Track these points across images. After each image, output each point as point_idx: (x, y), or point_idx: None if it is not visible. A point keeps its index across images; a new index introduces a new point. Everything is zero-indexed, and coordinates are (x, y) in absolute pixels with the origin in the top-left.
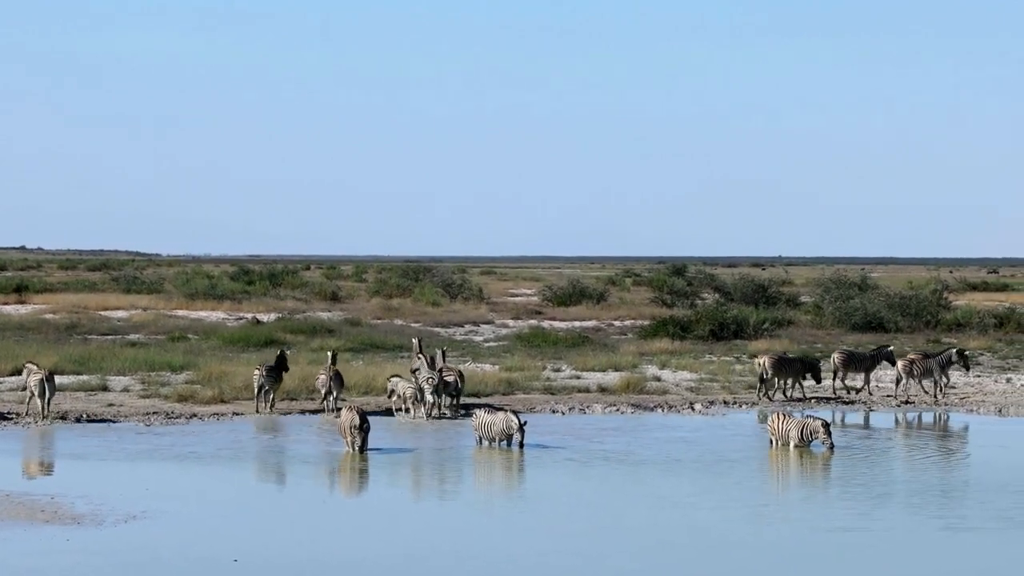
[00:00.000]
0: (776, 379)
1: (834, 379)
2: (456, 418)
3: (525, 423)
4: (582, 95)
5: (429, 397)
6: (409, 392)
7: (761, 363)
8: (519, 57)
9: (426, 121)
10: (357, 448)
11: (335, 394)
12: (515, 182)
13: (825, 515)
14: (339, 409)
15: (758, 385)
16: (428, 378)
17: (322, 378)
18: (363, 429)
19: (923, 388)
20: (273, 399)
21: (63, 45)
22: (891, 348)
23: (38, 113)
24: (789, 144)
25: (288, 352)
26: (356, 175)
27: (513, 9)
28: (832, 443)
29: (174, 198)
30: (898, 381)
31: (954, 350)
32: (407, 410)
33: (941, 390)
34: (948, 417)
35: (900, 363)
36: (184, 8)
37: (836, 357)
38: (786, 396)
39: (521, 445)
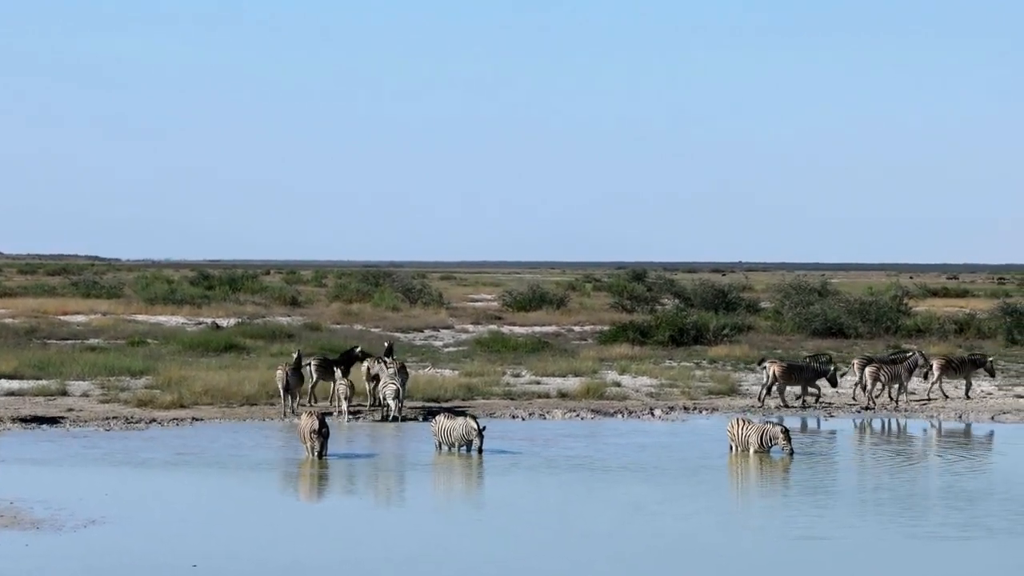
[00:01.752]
0: (786, 386)
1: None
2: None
3: (484, 428)
4: (543, 102)
5: (391, 403)
6: (343, 389)
7: (768, 369)
8: (482, 63)
9: (387, 127)
10: (316, 453)
11: (400, 392)
12: (475, 188)
13: (792, 522)
14: (336, 413)
15: (761, 391)
16: (388, 383)
17: (342, 387)
18: (322, 434)
19: (889, 394)
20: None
21: (22, 46)
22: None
23: None
24: (749, 151)
25: (358, 350)
26: (316, 180)
27: (479, 15)
28: (792, 448)
29: (134, 203)
30: (864, 386)
31: (917, 354)
32: (340, 412)
33: (904, 396)
34: (908, 423)
35: (868, 369)
36: (151, 11)
37: (857, 363)
38: (785, 404)
39: (480, 451)
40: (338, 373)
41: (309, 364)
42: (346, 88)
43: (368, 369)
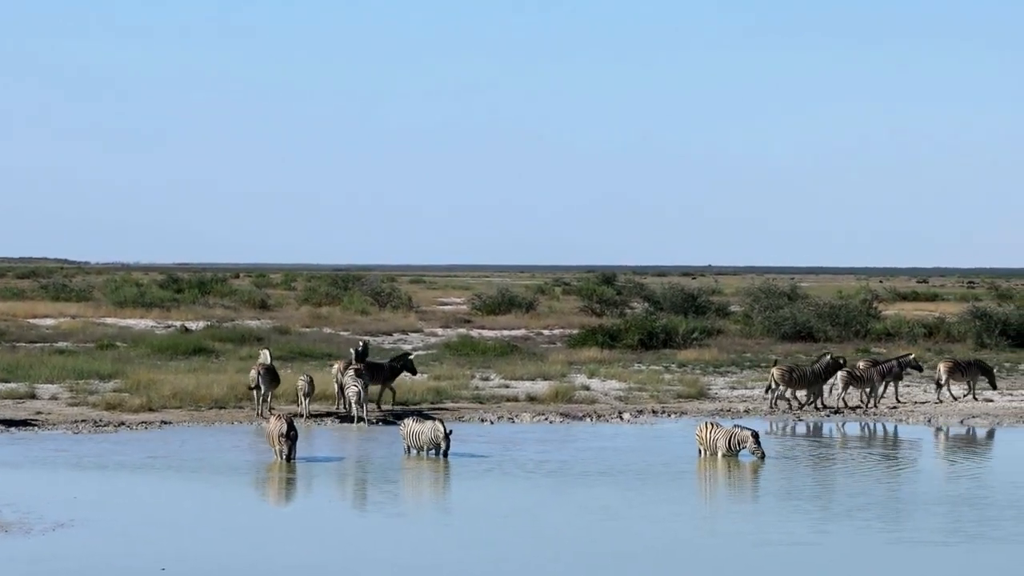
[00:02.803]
0: (786, 390)
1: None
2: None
3: (451, 432)
4: (515, 107)
5: (354, 405)
6: (302, 385)
7: (771, 374)
8: (454, 68)
9: (356, 131)
10: (284, 456)
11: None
12: (445, 192)
13: (768, 528)
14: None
15: (768, 396)
16: (350, 385)
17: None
18: (290, 437)
19: (862, 397)
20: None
21: None
22: (912, 356)
23: None
24: (719, 155)
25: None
26: (286, 184)
27: (452, 21)
28: (763, 452)
29: (103, 206)
30: (844, 388)
31: (898, 359)
32: (303, 415)
33: (876, 400)
34: (878, 426)
35: (840, 372)
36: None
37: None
38: (790, 406)
39: (446, 454)
40: (294, 374)
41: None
42: (315, 93)
43: (338, 372)
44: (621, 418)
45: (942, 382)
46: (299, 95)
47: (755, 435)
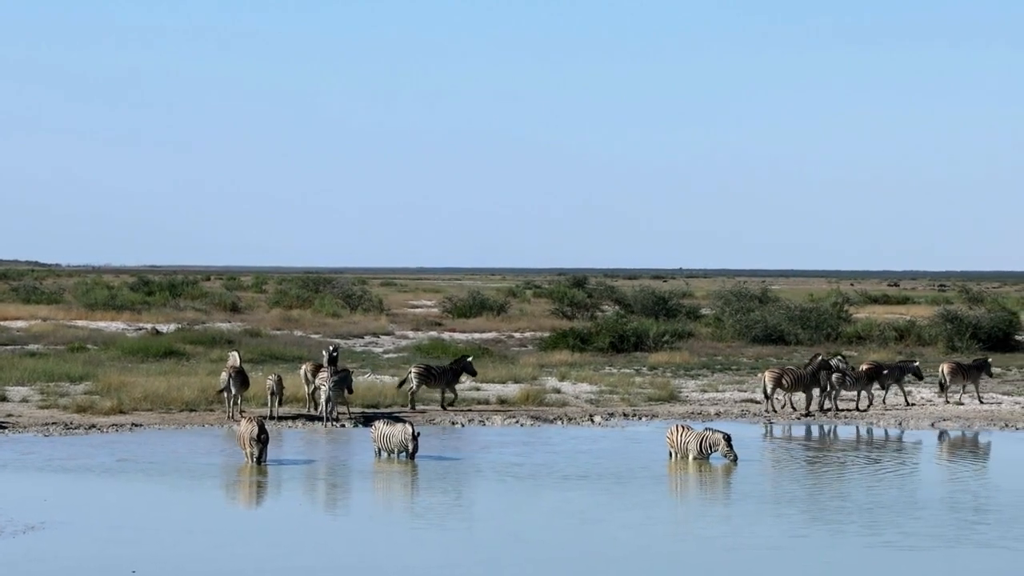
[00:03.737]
0: (773, 392)
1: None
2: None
3: (419, 434)
4: (482, 107)
5: (323, 405)
6: (270, 385)
7: (763, 378)
8: (415, 69)
9: (326, 133)
10: (256, 459)
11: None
12: (416, 194)
13: (743, 532)
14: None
15: (763, 400)
16: (319, 386)
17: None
18: (261, 440)
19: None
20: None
21: None
22: (916, 363)
23: None
24: (690, 157)
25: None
26: (256, 186)
27: (409, 25)
28: (736, 455)
29: (74, 208)
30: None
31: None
32: (272, 416)
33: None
34: (849, 430)
35: (834, 376)
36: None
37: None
38: (774, 409)
39: (413, 456)
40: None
41: (410, 372)
42: (285, 95)
43: (307, 374)
44: (592, 421)
45: (946, 384)
46: (270, 99)
47: (727, 438)
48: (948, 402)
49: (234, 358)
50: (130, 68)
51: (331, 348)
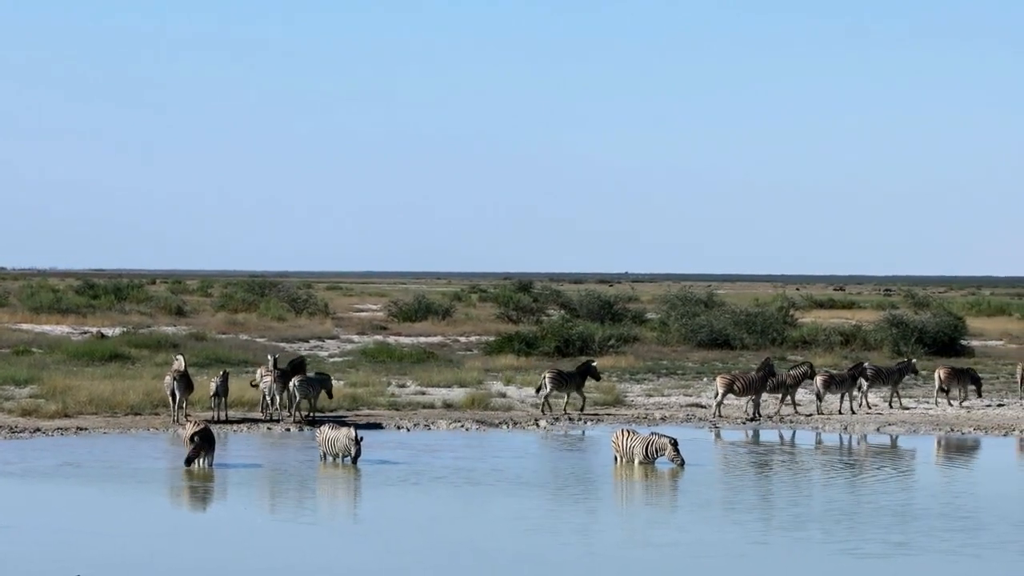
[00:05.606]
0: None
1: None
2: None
3: (361, 439)
4: (424, 111)
5: (271, 410)
6: (212, 387)
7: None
8: (360, 73)
9: (270, 136)
10: (206, 463)
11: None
12: (361, 198)
13: (703, 540)
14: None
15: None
16: (269, 386)
17: (267, 379)
18: (194, 442)
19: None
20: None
21: None
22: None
23: None
24: (636, 161)
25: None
26: (201, 189)
27: (353, 27)
28: (682, 460)
29: (19, 211)
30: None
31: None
32: (218, 419)
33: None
34: (797, 435)
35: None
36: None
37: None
38: (795, 411)
39: (355, 460)
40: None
41: (544, 376)
42: (230, 97)
43: (263, 378)
44: (537, 425)
45: (945, 388)
46: (214, 101)
47: (674, 442)
48: (952, 405)
49: (179, 362)
50: (75, 65)
51: (274, 355)
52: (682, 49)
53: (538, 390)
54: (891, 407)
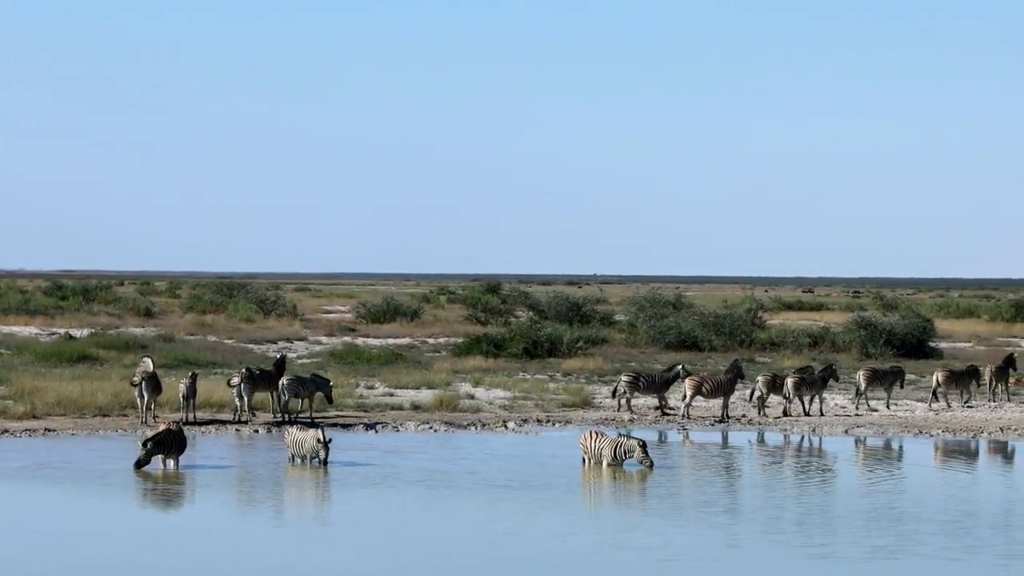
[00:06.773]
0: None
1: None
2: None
3: (330, 440)
4: (393, 111)
5: (237, 403)
6: (182, 389)
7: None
8: (327, 74)
9: (238, 136)
10: (172, 465)
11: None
12: (328, 199)
13: (674, 542)
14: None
15: (758, 405)
16: (238, 388)
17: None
18: (157, 441)
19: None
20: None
21: None
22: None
23: None
24: (604, 164)
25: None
26: (169, 190)
27: (317, 24)
28: (651, 462)
29: None
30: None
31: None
32: (186, 420)
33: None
34: (765, 437)
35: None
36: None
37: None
38: (787, 412)
39: (324, 462)
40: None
41: (619, 381)
42: (198, 98)
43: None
44: (506, 427)
45: (940, 390)
46: (181, 100)
47: (643, 444)
48: (950, 407)
49: (147, 363)
50: (48, 66)
51: (274, 357)
52: (646, 51)
53: (613, 393)
54: (819, 413)
